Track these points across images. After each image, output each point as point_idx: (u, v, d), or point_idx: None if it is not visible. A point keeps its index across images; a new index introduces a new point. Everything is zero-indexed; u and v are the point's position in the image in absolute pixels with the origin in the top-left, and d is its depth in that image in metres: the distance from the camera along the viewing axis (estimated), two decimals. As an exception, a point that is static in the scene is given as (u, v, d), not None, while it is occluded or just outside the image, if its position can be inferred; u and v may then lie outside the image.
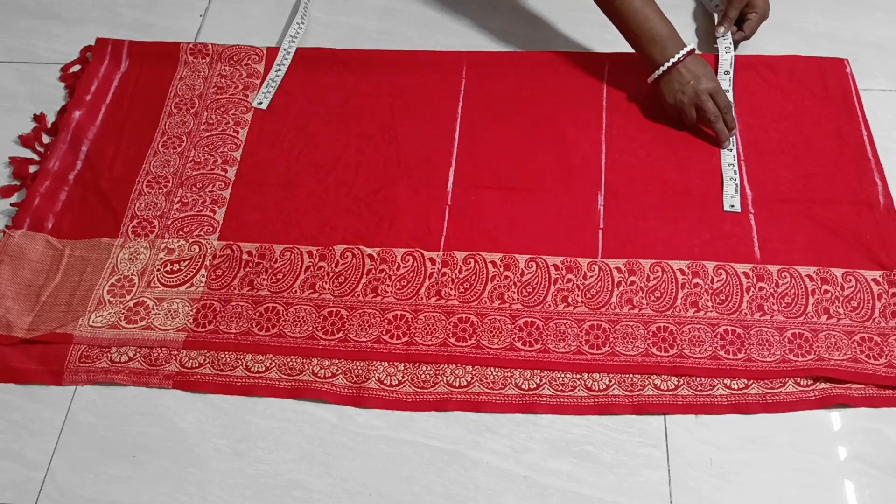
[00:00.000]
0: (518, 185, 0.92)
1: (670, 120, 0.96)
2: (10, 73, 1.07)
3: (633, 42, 0.93)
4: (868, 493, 0.73)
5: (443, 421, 0.78)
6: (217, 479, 0.75)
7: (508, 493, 0.74)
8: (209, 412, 0.79)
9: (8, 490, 0.75)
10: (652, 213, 0.89)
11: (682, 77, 0.90)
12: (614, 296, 0.84)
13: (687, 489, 0.73)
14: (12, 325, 0.83)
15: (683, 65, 0.90)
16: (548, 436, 0.76)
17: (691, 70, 0.90)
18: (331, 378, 0.80)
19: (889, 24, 1.07)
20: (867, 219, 0.88)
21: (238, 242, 0.89)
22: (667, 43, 0.90)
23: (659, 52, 0.91)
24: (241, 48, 1.07)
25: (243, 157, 0.97)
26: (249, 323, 0.83)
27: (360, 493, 0.74)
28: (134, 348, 0.82)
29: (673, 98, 0.92)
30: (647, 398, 0.77)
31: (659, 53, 0.91)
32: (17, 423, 0.79)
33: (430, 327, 0.82)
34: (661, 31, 0.90)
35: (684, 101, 0.91)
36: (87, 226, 0.91)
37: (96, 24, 1.12)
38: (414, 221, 0.90)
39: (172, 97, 1.02)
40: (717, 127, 0.92)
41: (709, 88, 0.91)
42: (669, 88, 0.92)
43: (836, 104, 0.97)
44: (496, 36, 1.08)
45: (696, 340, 0.80)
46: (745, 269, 0.85)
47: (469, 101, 1.00)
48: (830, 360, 0.78)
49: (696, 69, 0.91)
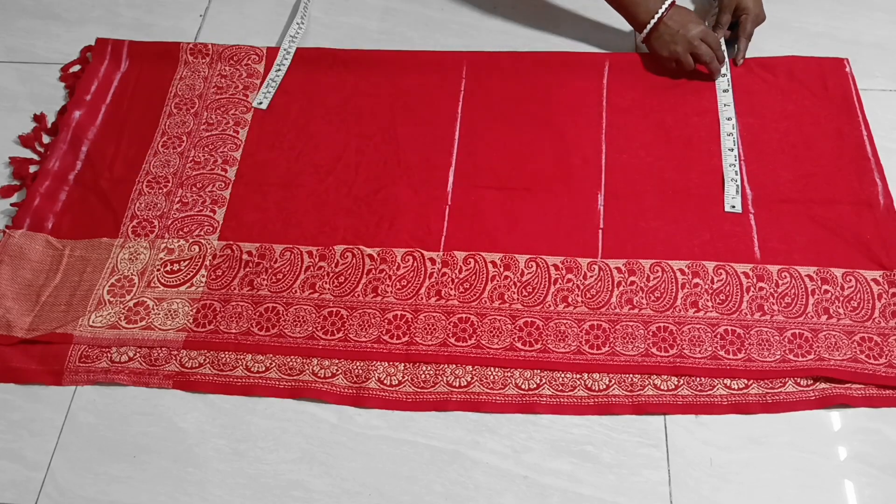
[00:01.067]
0: (518, 185, 0.92)
1: (670, 71, 0.99)
2: (10, 73, 1.07)
3: (616, 5, 0.97)
4: (868, 493, 0.73)
5: (443, 421, 0.78)
6: (217, 479, 0.75)
7: (508, 493, 0.74)
8: (209, 412, 0.79)
9: (8, 490, 0.75)
10: (652, 213, 0.89)
11: (670, 29, 0.94)
12: (614, 296, 0.84)
13: (687, 489, 0.73)
14: (12, 325, 0.83)
15: (668, 17, 0.94)
16: (548, 436, 0.76)
17: (677, 20, 0.94)
18: (331, 378, 0.80)
19: (889, 24, 1.07)
20: (867, 219, 0.88)
21: (238, 242, 0.89)
22: (647, 1, 0.94)
23: (643, 11, 0.95)
24: (241, 48, 1.07)
25: (243, 157, 0.97)
26: (249, 323, 0.83)
27: (360, 493, 0.74)
28: (134, 348, 0.82)
29: (667, 50, 0.96)
30: (647, 398, 0.77)
31: (644, 12, 0.95)
32: (17, 423, 0.79)
33: (430, 327, 0.82)
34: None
35: (678, 50, 0.95)
36: (87, 226, 0.91)
37: (96, 24, 1.12)
38: (414, 221, 0.90)
39: (172, 97, 1.02)
40: (713, 66, 0.97)
41: (699, 33, 0.95)
42: (662, 42, 0.95)
43: (836, 104, 0.97)
44: (496, 36, 1.08)
45: (696, 340, 0.80)
46: (745, 269, 0.85)
47: (469, 101, 1.00)
48: (830, 360, 0.78)
49: (682, 17, 0.95)
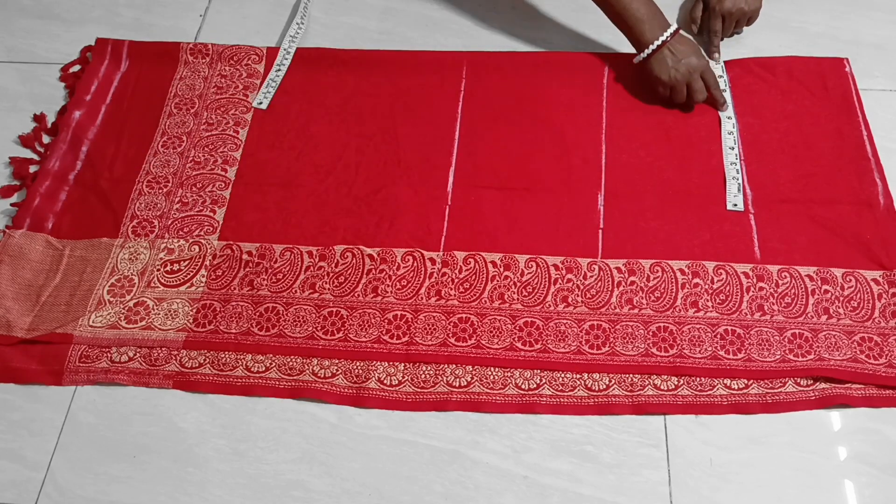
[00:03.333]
0: (518, 185, 0.92)
1: (661, 99, 0.97)
2: (10, 73, 1.07)
3: (619, 22, 0.95)
4: (868, 493, 0.73)
5: (443, 421, 0.78)
6: (217, 479, 0.75)
7: (508, 493, 0.74)
8: (209, 412, 0.79)
9: (8, 490, 0.75)
10: (652, 213, 0.89)
11: (673, 56, 0.92)
12: (614, 296, 0.84)
13: (687, 489, 0.73)
14: (12, 325, 0.83)
15: (671, 44, 0.92)
16: (548, 436, 0.76)
17: (680, 49, 0.93)
18: (331, 378, 0.80)
19: (889, 24, 1.07)
20: (867, 219, 0.88)
21: (238, 242, 0.89)
22: (653, 22, 0.92)
23: (648, 31, 0.92)
24: (241, 48, 1.07)
25: (243, 157, 0.97)
26: (249, 323, 0.83)
27: (360, 493, 0.74)
28: (134, 348, 0.82)
29: (668, 76, 0.93)
30: (647, 398, 0.77)
31: (648, 32, 0.92)
32: (17, 423, 0.79)
33: (430, 327, 0.82)
34: (646, 11, 0.92)
35: (678, 78, 0.93)
36: (87, 226, 0.91)
37: (96, 24, 1.12)
38: (414, 221, 0.90)
39: (172, 97, 1.02)
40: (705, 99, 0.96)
41: (699, 66, 0.94)
42: (663, 67, 0.93)
43: (836, 104, 0.97)
44: (496, 36, 1.08)
45: (696, 340, 0.80)
46: (745, 269, 0.85)
47: (469, 101, 1.00)
48: (830, 360, 0.78)
49: (685, 48, 0.93)
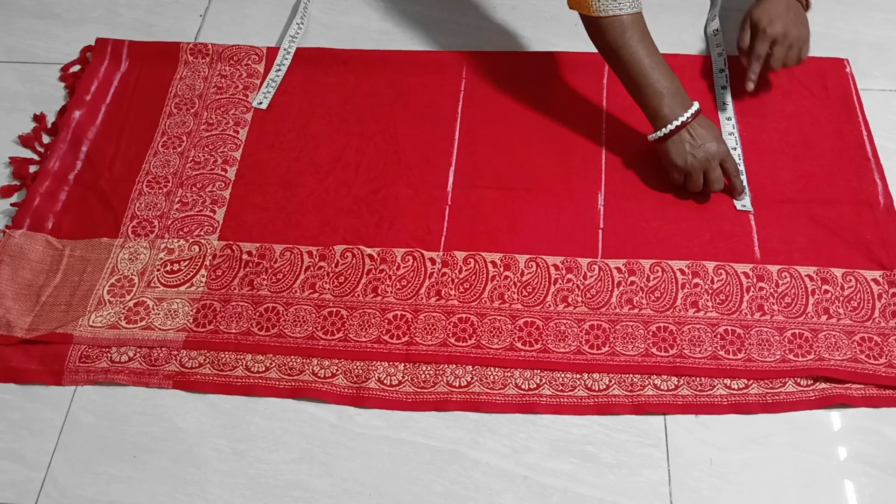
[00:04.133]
0: (518, 185, 0.92)
1: (672, 185, 0.89)
2: (10, 73, 1.07)
3: (637, 94, 0.85)
4: (868, 493, 0.72)
5: (443, 421, 0.78)
6: (217, 479, 0.75)
7: (508, 493, 0.73)
8: (209, 412, 0.79)
9: (8, 490, 0.75)
10: (652, 213, 0.89)
11: (692, 139, 0.83)
12: (614, 296, 0.84)
13: (687, 489, 0.73)
14: (12, 325, 0.83)
15: (691, 126, 0.83)
16: (548, 436, 0.76)
17: (700, 133, 0.83)
18: (331, 378, 0.80)
19: (889, 24, 1.07)
20: (867, 219, 0.88)
21: (238, 242, 0.89)
22: (674, 98, 0.83)
23: (667, 108, 0.83)
24: (241, 48, 1.07)
25: (243, 157, 0.97)
26: (249, 323, 0.83)
27: (360, 493, 0.74)
28: (134, 348, 0.82)
29: (683, 160, 0.84)
30: (647, 398, 0.77)
31: (667, 108, 0.83)
32: (17, 423, 0.79)
33: (430, 327, 0.82)
34: (667, 84, 0.83)
35: (695, 164, 0.84)
36: (87, 226, 0.91)
37: (96, 24, 1.12)
38: (414, 221, 0.90)
39: (172, 97, 1.02)
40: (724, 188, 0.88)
41: (719, 153, 0.84)
42: (679, 150, 0.84)
43: (836, 104, 0.97)
44: (496, 36, 1.08)
45: (696, 340, 0.80)
46: (745, 269, 0.85)
47: (469, 101, 1.00)
48: (830, 360, 0.78)
49: (706, 132, 0.84)
